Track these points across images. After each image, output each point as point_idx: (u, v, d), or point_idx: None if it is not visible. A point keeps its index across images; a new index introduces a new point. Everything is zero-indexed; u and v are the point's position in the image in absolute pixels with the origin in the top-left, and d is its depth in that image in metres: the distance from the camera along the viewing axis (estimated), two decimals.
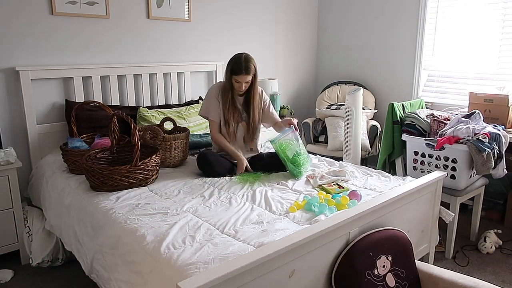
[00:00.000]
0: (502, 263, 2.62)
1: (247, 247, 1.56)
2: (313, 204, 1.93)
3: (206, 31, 3.62)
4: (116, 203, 2.04)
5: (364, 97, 3.44)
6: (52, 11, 2.78)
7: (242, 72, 2.47)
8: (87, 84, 2.99)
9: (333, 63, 4.46)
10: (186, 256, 1.50)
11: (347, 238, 1.68)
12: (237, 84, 2.53)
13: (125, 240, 1.74)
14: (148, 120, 3.00)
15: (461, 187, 2.60)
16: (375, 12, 4.00)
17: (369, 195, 2.13)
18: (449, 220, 2.38)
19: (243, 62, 2.47)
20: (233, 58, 2.53)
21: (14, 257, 2.58)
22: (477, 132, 2.56)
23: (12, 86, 2.71)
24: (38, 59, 2.79)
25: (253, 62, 2.52)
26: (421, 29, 3.66)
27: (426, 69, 3.75)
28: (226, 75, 2.56)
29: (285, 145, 2.43)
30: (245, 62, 2.47)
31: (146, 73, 3.24)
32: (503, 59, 3.27)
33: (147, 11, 3.22)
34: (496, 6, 3.25)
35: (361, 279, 1.59)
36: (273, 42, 4.16)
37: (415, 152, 2.78)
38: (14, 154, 2.49)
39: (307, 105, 4.59)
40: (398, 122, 3.00)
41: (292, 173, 2.45)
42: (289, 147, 2.43)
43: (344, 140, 3.22)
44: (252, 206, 1.99)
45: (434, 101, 3.64)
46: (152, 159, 2.28)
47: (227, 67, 2.55)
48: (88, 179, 2.24)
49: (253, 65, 2.51)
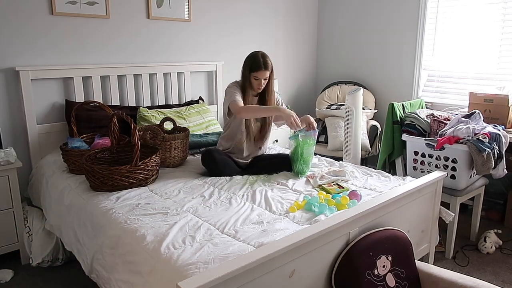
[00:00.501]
0: (502, 263, 2.62)
1: (247, 247, 1.56)
2: (313, 204, 1.93)
3: (206, 31, 3.62)
4: (116, 203, 2.04)
5: (364, 97, 3.44)
6: (52, 11, 2.78)
7: (261, 68, 2.49)
8: (87, 84, 2.99)
9: (333, 63, 4.46)
10: (186, 256, 1.50)
11: (347, 238, 1.68)
12: (256, 81, 2.54)
13: (125, 240, 1.74)
14: (148, 120, 3.00)
15: (461, 187, 2.60)
16: (375, 12, 4.00)
17: (369, 195, 2.13)
18: (449, 220, 2.38)
19: (261, 58, 2.50)
20: (250, 56, 2.55)
21: (14, 257, 2.58)
22: (477, 132, 2.56)
23: (12, 86, 2.71)
24: (38, 59, 2.79)
25: (269, 58, 2.55)
26: (421, 29, 3.66)
27: (426, 69, 3.75)
28: (244, 74, 2.56)
29: (304, 143, 2.45)
30: (262, 58, 2.51)
31: (146, 73, 3.24)
32: (503, 59, 3.27)
33: (147, 11, 3.22)
34: (496, 6, 3.25)
35: (361, 279, 1.59)
36: (273, 42, 4.16)
37: (415, 152, 2.78)
38: (14, 154, 2.49)
39: (307, 105, 4.59)
40: (398, 122, 3.00)
41: (297, 171, 2.46)
42: (307, 146, 2.46)
43: (344, 140, 3.22)
44: (252, 206, 1.99)
45: (434, 101, 3.64)
46: (152, 159, 2.28)
47: (244, 66, 2.56)
48: (88, 179, 2.24)
49: (270, 61, 2.54)
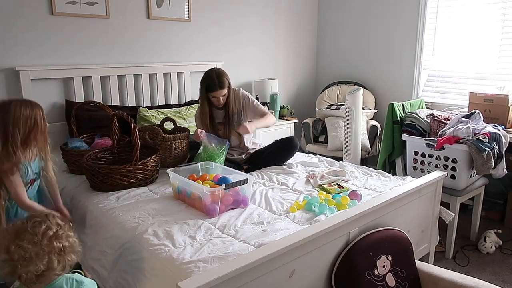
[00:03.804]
0: (502, 263, 2.61)
1: (247, 247, 1.56)
2: (313, 204, 1.93)
3: (206, 31, 3.62)
4: (116, 203, 2.04)
5: (364, 97, 3.44)
6: (52, 11, 2.77)
7: (217, 88, 2.53)
8: (87, 84, 2.99)
9: (333, 63, 4.46)
10: (186, 255, 1.50)
11: (347, 238, 1.68)
12: (215, 99, 2.59)
13: (125, 240, 1.74)
14: (148, 120, 3.00)
15: (461, 187, 2.60)
16: (375, 12, 4.00)
17: (369, 195, 2.13)
18: (449, 220, 2.39)
19: (215, 78, 2.53)
20: (205, 76, 2.59)
21: None
22: (477, 132, 2.56)
23: (12, 86, 2.71)
24: (38, 59, 2.79)
25: (225, 75, 2.58)
26: (421, 29, 3.66)
27: (426, 69, 3.75)
28: (202, 94, 2.62)
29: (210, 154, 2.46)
30: (217, 77, 2.54)
31: (146, 73, 3.24)
32: (503, 59, 3.27)
33: (147, 11, 3.22)
34: (496, 6, 3.25)
35: (361, 279, 1.59)
36: (273, 42, 4.16)
37: (415, 152, 2.78)
38: None
39: (307, 105, 4.59)
40: (398, 122, 3.00)
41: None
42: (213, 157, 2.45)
43: (344, 140, 3.22)
44: (252, 206, 1.99)
45: (434, 101, 3.64)
46: (152, 159, 2.28)
47: (201, 86, 2.61)
48: (88, 179, 2.24)
49: (226, 78, 2.58)
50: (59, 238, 1.31)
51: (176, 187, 2.07)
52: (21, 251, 1.23)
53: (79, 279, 1.36)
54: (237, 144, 2.78)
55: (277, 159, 2.67)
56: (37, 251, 1.25)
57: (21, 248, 1.23)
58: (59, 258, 1.29)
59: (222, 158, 2.45)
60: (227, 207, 1.94)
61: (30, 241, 1.25)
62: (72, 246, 1.34)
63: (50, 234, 1.29)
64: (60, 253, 1.29)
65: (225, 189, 1.88)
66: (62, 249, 1.30)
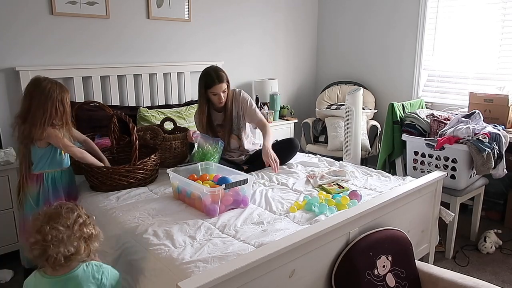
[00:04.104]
0: (502, 263, 2.61)
1: (247, 247, 1.56)
2: (313, 204, 1.93)
3: (206, 31, 3.61)
4: (116, 203, 2.04)
5: (364, 97, 3.44)
6: (52, 11, 2.77)
7: (216, 82, 2.51)
8: (87, 84, 2.99)
9: (333, 63, 4.46)
10: (186, 255, 1.50)
11: (347, 238, 1.68)
12: (215, 96, 2.56)
13: (125, 240, 1.74)
14: (148, 120, 3.00)
15: (461, 187, 2.60)
16: (375, 12, 4.00)
17: (369, 195, 2.13)
18: (449, 220, 2.38)
19: (213, 73, 2.53)
20: (202, 74, 2.59)
21: (14, 257, 2.58)
22: (477, 132, 2.56)
23: (12, 86, 2.71)
24: (38, 59, 2.79)
25: (223, 71, 2.57)
26: (421, 29, 3.66)
27: (426, 69, 3.75)
28: (202, 94, 2.60)
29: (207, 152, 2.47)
30: (215, 72, 2.53)
31: (146, 73, 3.24)
32: (503, 59, 3.27)
33: (147, 11, 3.22)
34: (496, 6, 3.25)
35: (361, 279, 1.59)
36: (273, 42, 4.16)
37: (415, 152, 2.78)
38: (14, 154, 2.49)
39: (307, 105, 4.59)
40: (398, 122, 3.00)
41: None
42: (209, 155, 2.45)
43: (344, 140, 3.22)
44: (252, 206, 1.99)
45: (434, 101, 3.64)
46: (151, 158, 2.28)
47: (199, 86, 2.59)
48: (87, 179, 2.24)
49: (224, 73, 2.56)
50: (88, 226, 1.40)
51: (176, 187, 2.08)
52: (54, 232, 1.31)
53: (97, 263, 1.44)
54: (237, 147, 2.78)
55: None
56: (69, 234, 1.33)
57: (55, 230, 1.31)
58: (86, 244, 1.37)
59: (217, 157, 2.44)
60: (227, 207, 1.94)
61: (63, 224, 1.34)
62: (97, 235, 1.43)
63: (81, 221, 1.39)
64: (87, 240, 1.38)
65: (225, 189, 1.88)
66: (90, 236, 1.39)
